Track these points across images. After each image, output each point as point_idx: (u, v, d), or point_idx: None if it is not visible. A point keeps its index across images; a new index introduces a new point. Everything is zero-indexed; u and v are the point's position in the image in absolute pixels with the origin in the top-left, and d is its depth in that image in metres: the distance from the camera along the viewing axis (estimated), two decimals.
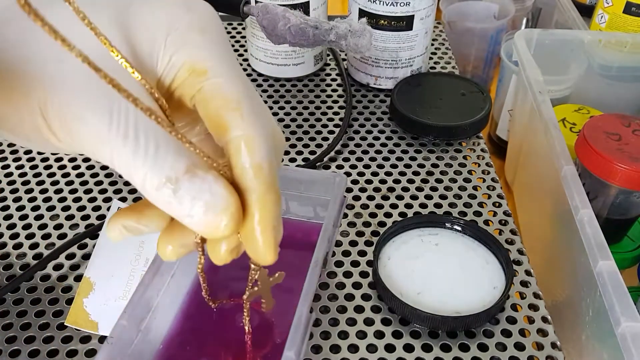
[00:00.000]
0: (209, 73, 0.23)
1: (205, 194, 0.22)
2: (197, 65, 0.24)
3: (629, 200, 0.48)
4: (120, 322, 0.30)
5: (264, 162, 0.23)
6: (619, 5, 0.62)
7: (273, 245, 0.24)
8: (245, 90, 0.24)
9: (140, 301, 0.32)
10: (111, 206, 0.44)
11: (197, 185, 0.22)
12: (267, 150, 0.23)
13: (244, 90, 0.24)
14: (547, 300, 0.40)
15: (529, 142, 0.56)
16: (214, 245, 0.25)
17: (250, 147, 0.23)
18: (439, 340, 0.36)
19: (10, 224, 0.44)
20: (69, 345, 0.36)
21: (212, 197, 0.22)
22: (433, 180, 0.48)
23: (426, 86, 0.56)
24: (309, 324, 0.31)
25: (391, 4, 0.52)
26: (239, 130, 0.23)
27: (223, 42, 0.25)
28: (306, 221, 0.42)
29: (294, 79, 0.60)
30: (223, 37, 0.25)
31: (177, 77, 0.24)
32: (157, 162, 0.21)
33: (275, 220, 0.24)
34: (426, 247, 0.41)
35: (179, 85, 0.24)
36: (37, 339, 0.37)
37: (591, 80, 0.62)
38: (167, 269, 0.34)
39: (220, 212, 0.22)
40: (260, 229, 0.23)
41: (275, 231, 0.24)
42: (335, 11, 0.86)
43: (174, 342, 0.35)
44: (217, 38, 0.25)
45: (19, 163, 0.50)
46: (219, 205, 0.22)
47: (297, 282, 0.33)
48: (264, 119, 0.24)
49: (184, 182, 0.21)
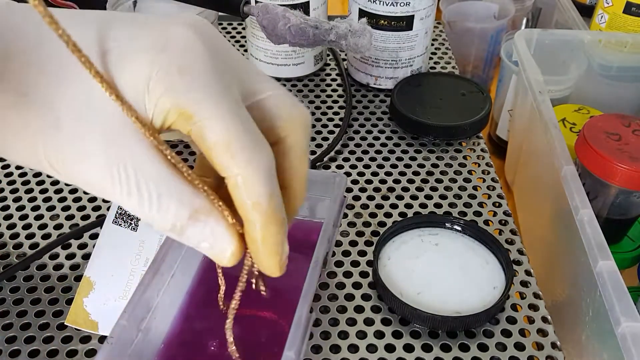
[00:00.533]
0: (194, 117, 0.23)
1: (208, 237, 0.24)
2: (182, 110, 0.23)
3: (629, 200, 0.48)
4: (120, 322, 0.30)
5: (262, 198, 0.24)
6: (619, 5, 0.62)
7: (278, 265, 0.26)
8: (234, 127, 0.23)
9: (140, 301, 0.32)
10: (111, 206, 0.44)
11: (199, 229, 0.24)
12: (264, 184, 0.24)
13: (233, 127, 0.23)
14: (547, 300, 0.40)
15: (529, 142, 0.56)
16: None
17: (246, 186, 0.24)
18: (439, 340, 0.36)
19: (10, 224, 0.44)
20: (69, 345, 0.36)
21: (215, 239, 0.24)
22: (433, 180, 0.48)
23: (426, 86, 0.56)
24: (309, 324, 0.31)
25: (391, 4, 0.52)
26: (234, 169, 0.23)
27: (206, 77, 0.23)
28: (306, 221, 0.42)
29: (294, 79, 0.60)
30: (206, 69, 0.24)
31: (168, 120, 0.24)
32: (161, 210, 0.23)
33: (279, 246, 0.25)
34: (426, 247, 0.41)
35: (172, 125, 0.24)
36: (37, 339, 0.37)
37: (591, 80, 0.62)
38: (167, 268, 0.34)
39: (224, 250, 0.25)
40: (264, 252, 0.25)
41: (279, 253, 0.25)
42: (335, 11, 0.86)
43: (174, 342, 0.35)
44: (199, 75, 0.23)
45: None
46: (221, 245, 0.24)
47: (297, 282, 0.33)
48: (259, 152, 0.24)
49: (188, 227, 0.24)
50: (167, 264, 0.34)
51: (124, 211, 0.43)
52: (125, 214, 0.43)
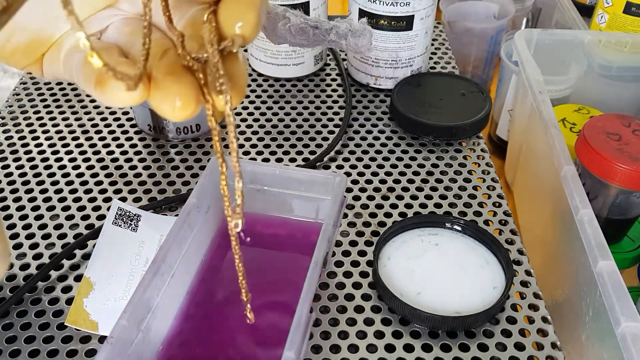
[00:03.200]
0: None
1: None
2: None
3: (629, 200, 0.48)
4: (120, 322, 0.30)
5: None
6: (619, 5, 0.62)
7: (255, 19, 0.21)
8: None
9: (140, 301, 0.32)
10: (111, 206, 0.44)
11: None
12: None
13: None
14: (547, 300, 0.40)
15: (529, 142, 0.55)
16: None
17: None
18: (439, 340, 0.36)
19: (10, 224, 0.44)
20: (69, 345, 0.36)
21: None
22: (433, 180, 0.48)
23: (426, 86, 0.55)
24: (309, 324, 0.31)
25: (391, 4, 0.52)
26: None
27: None
28: (306, 221, 0.42)
29: (294, 79, 0.60)
30: None
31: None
32: None
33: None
34: (426, 247, 0.41)
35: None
36: (37, 339, 0.37)
37: (591, 80, 0.62)
38: (167, 269, 0.34)
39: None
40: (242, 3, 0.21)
41: (256, 6, 0.21)
42: (335, 11, 0.86)
43: (174, 342, 0.35)
44: None
45: (19, 163, 0.50)
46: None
47: (297, 282, 0.33)
48: None
49: None
50: (167, 264, 0.34)
51: (123, 212, 0.43)
52: (125, 214, 0.43)
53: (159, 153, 0.51)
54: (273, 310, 0.37)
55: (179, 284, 0.36)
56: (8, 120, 0.54)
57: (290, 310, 0.32)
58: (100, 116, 0.55)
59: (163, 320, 0.35)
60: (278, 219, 0.42)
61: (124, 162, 0.50)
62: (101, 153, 0.51)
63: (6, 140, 0.52)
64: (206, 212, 0.39)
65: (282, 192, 0.41)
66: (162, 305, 0.34)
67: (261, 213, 0.42)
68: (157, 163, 0.50)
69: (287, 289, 0.38)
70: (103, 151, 0.51)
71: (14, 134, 0.53)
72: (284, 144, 0.52)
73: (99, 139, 0.52)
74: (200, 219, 0.38)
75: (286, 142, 0.52)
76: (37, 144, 0.52)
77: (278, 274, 0.39)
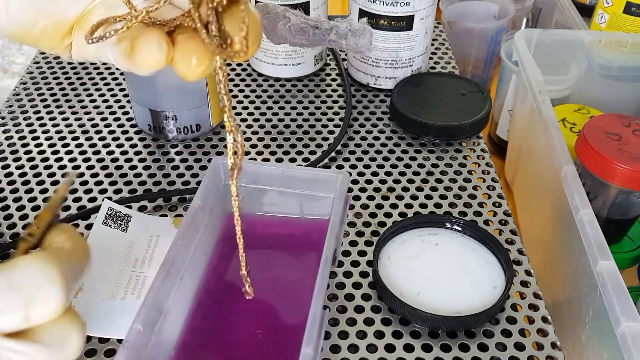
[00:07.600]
0: None
1: None
2: None
3: (629, 200, 0.48)
4: (134, 326, 0.30)
5: None
6: (619, 5, 0.62)
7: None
8: None
9: (153, 304, 0.31)
10: (101, 206, 0.43)
11: None
12: None
13: None
14: (547, 300, 0.40)
15: (529, 142, 0.55)
16: None
17: None
18: (439, 340, 0.36)
19: (10, 224, 0.44)
20: None
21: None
22: (433, 180, 0.48)
23: (426, 86, 0.56)
24: (323, 321, 0.31)
25: (391, 4, 0.52)
26: None
27: None
28: (307, 219, 0.42)
29: (294, 79, 0.60)
30: None
31: None
32: None
33: None
34: (426, 247, 0.41)
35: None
36: None
37: (591, 80, 0.62)
38: (176, 271, 0.34)
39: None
40: None
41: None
42: (335, 11, 0.86)
43: (186, 344, 0.35)
44: None
45: (19, 163, 0.50)
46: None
47: (301, 279, 0.33)
48: None
49: None
50: (175, 267, 0.34)
51: (113, 212, 0.43)
52: (116, 214, 0.43)
53: (159, 153, 0.51)
54: (281, 309, 0.37)
55: (186, 285, 0.36)
56: (8, 120, 0.54)
57: (299, 309, 0.32)
58: (100, 116, 0.55)
59: (174, 322, 0.35)
60: (280, 219, 0.42)
61: (124, 162, 0.50)
62: (101, 153, 0.51)
63: (6, 140, 0.52)
64: (210, 213, 0.39)
65: (284, 191, 0.41)
66: (173, 308, 0.34)
67: (263, 213, 0.42)
68: (157, 163, 0.50)
69: (293, 288, 0.38)
70: (103, 151, 0.51)
71: (14, 134, 0.53)
72: (284, 144, 0.52)
73: (99, 139, 0.52)
74: (205, 220, 0.38)
75: (286, 142, 0.52)
76: (37, 144, 0.52)
77: (283, 273, 0.39)
